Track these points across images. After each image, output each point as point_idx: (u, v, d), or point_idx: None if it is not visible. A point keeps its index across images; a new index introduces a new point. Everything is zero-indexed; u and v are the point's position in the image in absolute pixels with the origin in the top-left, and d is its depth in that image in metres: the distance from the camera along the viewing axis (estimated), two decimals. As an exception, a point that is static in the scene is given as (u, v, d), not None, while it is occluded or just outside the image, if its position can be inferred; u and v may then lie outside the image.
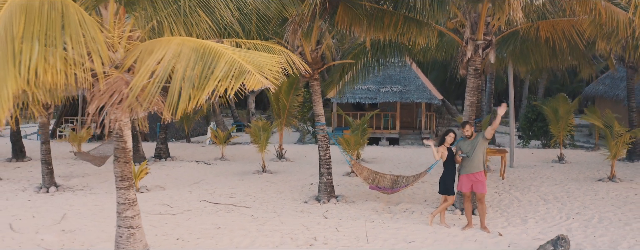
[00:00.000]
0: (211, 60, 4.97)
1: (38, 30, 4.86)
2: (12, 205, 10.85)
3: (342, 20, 9.43)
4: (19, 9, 4.79)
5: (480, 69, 10.03)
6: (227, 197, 11.40)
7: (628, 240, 8.28)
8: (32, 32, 4.82)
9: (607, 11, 8.88)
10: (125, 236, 6.92)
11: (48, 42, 4.95)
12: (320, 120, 10.91)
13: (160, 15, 6.63)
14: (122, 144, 6.76)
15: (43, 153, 12.56)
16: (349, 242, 8.22)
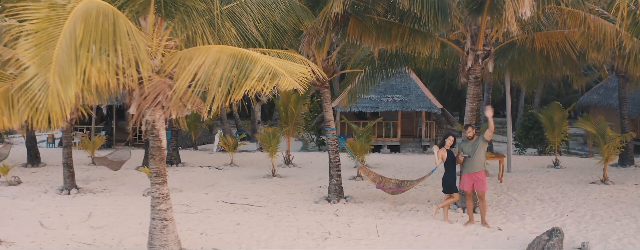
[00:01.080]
0: (248, 64, 5.69)
1: (94, 38, 5.54)
2: (38, 205, 11.50)
3: (353, 32, 10.22)
4: (80, 19, 5.44)
5: (480, 77, 10.79)
6: (242, 198, 12.08)
7: (617, 234, 8.99)
8: (89, 40, 5.50)
9: (596, 24, 9.68)
10: (159, 228, 7.59)
11: (102, 49, 5.63)
12: (330, 125, 11.64)
13: (193, 25, 7.36)
14: (157, 142, 7.46)
15: (65, 157, 13.23)
16: (360, 236, 8.92)
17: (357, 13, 10.25)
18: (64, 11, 5.36)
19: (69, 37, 5.31)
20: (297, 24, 8.80)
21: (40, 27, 5.28)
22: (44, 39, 5.30)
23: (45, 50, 5.25)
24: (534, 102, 32.70)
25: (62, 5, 5.29)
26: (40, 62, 5.26)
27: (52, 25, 5.35)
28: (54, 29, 5.33)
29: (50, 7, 5.21)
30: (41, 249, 8.46)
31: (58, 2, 5.22)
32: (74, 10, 5.38)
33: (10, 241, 8.73)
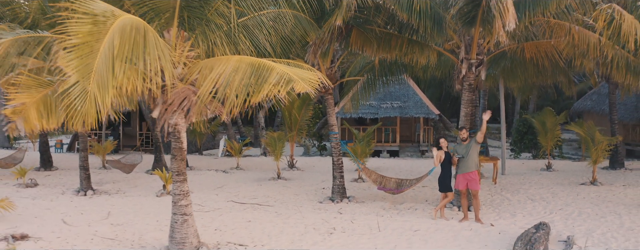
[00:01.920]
0: (265, 72, 6.44)
1: (128, 50, 6.27)
2: (58, 205, 12.20)
3: (356, 42, 11.02)
4: (118, 33, 6.16)
5: (474, 84, 11.56)
6: (251, 199, 12.81)
7: (601, 229, 9.72)
8: (124, 51, 6.22)
9: (580, 34, 10.46)
10: (180, 222, 8.30)
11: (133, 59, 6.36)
12: (334, 129, 12.39)
13: (212, 37, 8.10)
14: (179, 144, 8.18)
15: (81, 160, 13.95)
16: (363, 231, 9.64)
17: (359, 25, 11.04)
18: (105, 27, 6.08)
19: (107, 49, 6.03)
20: (304, 35, 9.56)
21: (84, 40, 6.00)
22: (86, 51, 6.02)
23: (87, 60, 5.97)
24: (529, 108, 33.48)
25: (103, 21, 6.01)
26: (81, 71, 5.98)
27: (93, 39, 6.07)
28: (95, 43, 6.06)
29: (93, 23, 5.93)
30: (67, 243, 9.12)
31: (100, 18, 5.93)
32: (113, 26, 6.11)
33: (37, 237, 9.40)
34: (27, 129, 7.04)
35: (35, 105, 7.02)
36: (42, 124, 7.10)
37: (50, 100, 7.14)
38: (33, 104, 7.02)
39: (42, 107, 7.10)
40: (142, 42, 6.42)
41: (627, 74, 10.92)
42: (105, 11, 5.97)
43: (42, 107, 7.09)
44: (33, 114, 6.99)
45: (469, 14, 10.22)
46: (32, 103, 7.02)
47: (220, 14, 7.95)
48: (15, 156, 18.04)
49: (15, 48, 8.30)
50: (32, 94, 7.12)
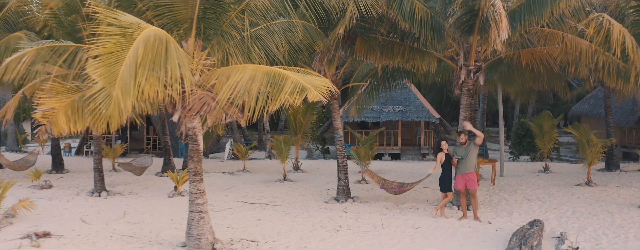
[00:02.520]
0: (280, 80, 7.01)
1: (151, 59, 6.81)
2: (74, 205, 12.75)
3: (360, 50, 11.61)
4: (142, 43, 6.69)
5: (473, 89, 12.12)
6: (259, 199, 13.36)
7: (593, 226, 10.27)
8: (147, 60, 6.75)
9: (572, 42, 11.04)
10: (197, 219, 8.84)
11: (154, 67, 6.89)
12: (339, 133, 12.95)
13: (225, 47, 8.67)
14: (196, 146, 8.75)
15: (95, 162, 14.51)
16: (367, 228, 10.20)
17: (362, 33, 11.63)
18: (131, 37, 6.61)
19: (132, 58, 6.55)
20: (312, 44, 10.14)
21: (111, 50, 6.52)
22: (112, 60, 6.54)
23: (113, 68, 6.49)
24: (528, 112, 34.04)
25: (130, 33, 6.56)
26: (107, 78, 6.50)
27: (120, 49, 6.60)
28: (121, 52, 6.59)
29: (121, 33, 6.48)
30: (88, 240, 9.66)
31: (127, 29, 6.48)
32: (139, 37, 6.65)
33: (59, 234, 9.94)
34: (56, 132, 7.59)
35: (64, 109, 7.57)
36: (69, 128, 7.65)
37: (77, 105, 7.69)
38: (61, 108, 7.57)
39: (70, 112, 7.65)
40: (164, 52, 6.94)
41: (617, 79, 11.49)
42: (131, 23, 6.52)
43: (69, 111, 7.64)
44: (62, 118, 7.55)
45: (467, 23, 10.80)
46: (60, 108, 7.58)
47: (234, 25, 8.52)
48: (27, 159, 18.58)
49: (41, 56, 8.86)
50: (61, 99, 7.68)
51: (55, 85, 7.83)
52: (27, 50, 8.60)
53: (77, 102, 7.66)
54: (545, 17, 10.64)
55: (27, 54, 8.55)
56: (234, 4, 8.35)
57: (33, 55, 8.61)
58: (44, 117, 7.46)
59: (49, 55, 8.84)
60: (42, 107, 7.52)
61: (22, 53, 8.48)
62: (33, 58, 8.66)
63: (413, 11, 10.74)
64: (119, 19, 6.39)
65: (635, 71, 10.93)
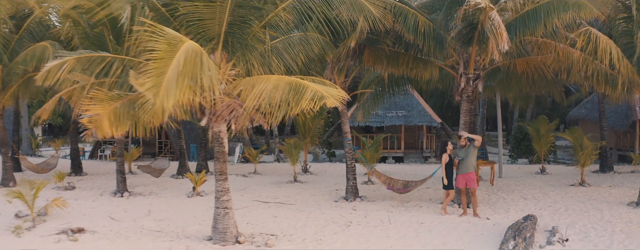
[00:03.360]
0: (301, 89, 7.93)
1: (189, 68, 7.70)
2: (100, 205, 13.67)
3: (368, 60, 12.58)
4: (183, 53, 7.54)
5: (472, 96, 13.05)
6: (273, 198, 14.29)
7: (583, 221, 11.18)
8: (187, 69, 7.64)
9: (564, 51, 11.98)
10: (222, 214, 9.76)
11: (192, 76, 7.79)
12: (347, 136, 13.89)
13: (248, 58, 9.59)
14: (221, 148, 9.67)
15: (118, 164, 15.42)
16: (376, 224, 11.12)
17: (370, 45, 12.59)
18: (175, 48, 7.50)
19: (175, 67, 7.43)
20: (324, 55, 11.09)
21: (160, 57, 7.37)
22: (161, 66, 7.38)
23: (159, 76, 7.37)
24: (527, 117, 34.94)
25: (174, 44, 7.47)
26: (155, 81, 7.34)
27: (166, 57, 7.46)
28: (168, 60, 7.43)
29: (168, 44, 7.39)
30: (120, 235, 10.58)
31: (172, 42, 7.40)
32: (181, 48, 7.52)
33: (92, 230, 10.85)
34: (100, 135, 8.49)
35: (107, 115, 8.47)
36: (112, 131, 8.55)
37: (118, 111, 8.61)
38: (105, 114, 8.46)
39: (113, 117, 8.54)
40: (200, 63, 7.86)
41: (605, 86, 12.42)
42: (175, 37, 7.46)
43: (112, 117, 8.54)
44: (105, 123, 8.44)
45: (467, 35, 11.73)
46: (104, 114, 8.48)
47: (256, 39, 9.46)
48: (48, 162, 19.51)
49: (80, 65, 9.72)
50: (104, 106, 8.58)
51: (99, 93, 8.72)
52: (67, 58, 9.48)
53: (119, 108, 8.57)
54: (539, 30, 11.58)
55: (68, 61, 9.42)
56: (256, 20, 9.30)
57: (73, 63, 9.45)
58: (90, 122, 8.35)
59: (88, 64, 9.73)
60: (88, 113, 8.41)
61: (62, 60, 9.36)
62: (73, 66, 9.54)
63: (417, 24, 11.71)
64: (166, 32, 7.32)
65: (621, 79, 11.86)
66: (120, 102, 8.71)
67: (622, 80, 11.87)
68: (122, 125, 8.68)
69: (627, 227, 10.74)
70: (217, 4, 8.90)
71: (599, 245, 9.50)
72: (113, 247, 9.73)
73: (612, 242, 9.68)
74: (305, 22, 10.00)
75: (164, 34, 7.35)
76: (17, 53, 16.16)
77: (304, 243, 9.78)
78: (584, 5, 11.12)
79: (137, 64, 9.60)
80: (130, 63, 9.64)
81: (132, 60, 9.64)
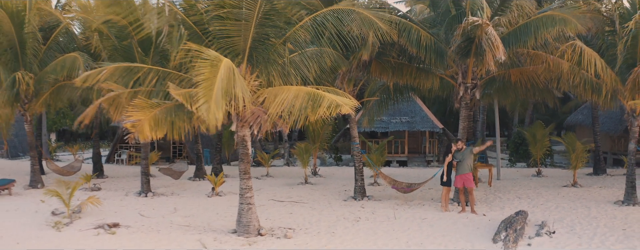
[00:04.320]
0: (319, 99, 9.13)
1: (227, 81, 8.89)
2: (128, 204, 14.84)
3: (375, 70, 13.84)
4: (223, 72, 8.71)
5: (470, 103, 14.24)
6: (287, 198, 15.48)
7: (571, 217, 12.34)
8: (225, 85, 8.82)
9: (554, 62, 13.18)
10: (245, 209, 10.95)
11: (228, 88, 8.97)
12: (356, 140, 15.09)
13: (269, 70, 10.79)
14: (245, 150, 10.87)
15: (143, 167, 16.64)
16: (383, 219, 12.30)
17: (377, 57, 13.83)
18: (216, 66, 8.70)
19: (219, 81, 8.60)
20: (336, 67, 12.31)
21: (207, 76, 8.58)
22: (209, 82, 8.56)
23: (209, 88, 8.53)
24: (526, 122, 36.09)
25: (216, 64, 8.67)
26: (205, 96, 8.50)
27: (212, 74, 8.64)
28: (212, 76, 8.62)
29: (211, 64, 8.61)
30: (152, 229, 11.75)
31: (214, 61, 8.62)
32: (221, 66, 8.71)
33: (126, 225, 12.03)
34: (141, 138, 9.69)
35: (148, 121, 9.66)
36: (152, 135, 9.75)
37: (157, 117, 9.81)
38: (146, 120, 9.66)
39: (153, 123, 9.73)
40: (233, 77, 9.04)
41: (592, 94, 13.63)
42: (215, 56, 8.69)
43: (152, 122, 9.73)
44: (146, 127, 9.63)
45: (465, 48, 12.93)
46: (145, 119, 9.67)
47: (277, 53, 10.68)
48: (73, 165, 20.74)
49: (118, 74, 10.89)
50: (145, 113, 9.79)
51: (140, 101, 9.93)
52: (106, 67, 10.68)
53: (158, 115, 9.77)
54: (530, 43, 12.80)
55: (106, 69, 10.62)
56: (277, 37, 10.53)
57: (110, 71, 10.64)
58: (133, 127, 9.54)
59: (125, 73, 10.90)
60: (131, 118, 9.61)
61: (101, 68, 10.58)
62: (110, 74, 10.71)
63: (419, 39, 12.95)
64: (208, 53, 8.56)
65: (606, 87, 13.05)
66: (158, 109, 9.91)
67: (606, 88, 13.06)
68: (161, 129, 9.88)
69: (610, 222, 11.88)
70: (243, 23, 10.15)
71: (582, 237, 10.65)
72: (148, 239, 10.88)
73: (595, 234, 10.83)
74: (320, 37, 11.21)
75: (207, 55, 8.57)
76: (45, 63, 17.35)
77: (319, 235, 10.95)
78: (569, 21, 12.34)
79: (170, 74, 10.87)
80: (163, 74, 10.90)
81: (166, 71, 10.91)
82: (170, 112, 9.91)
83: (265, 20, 10.22)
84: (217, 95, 8.25)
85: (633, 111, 13.61)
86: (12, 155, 33.58)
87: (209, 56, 8.62)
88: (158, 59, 15.32)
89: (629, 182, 13.98)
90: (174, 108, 9.99)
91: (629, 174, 14.02)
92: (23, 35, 16.81)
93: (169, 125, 9.94)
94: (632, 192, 13.88)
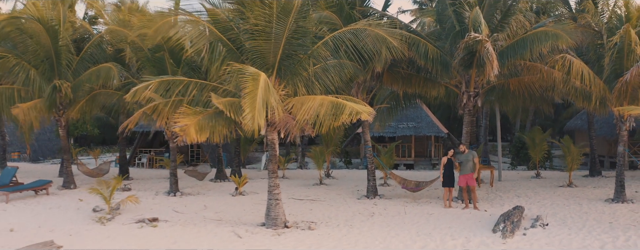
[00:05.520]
0: (341, 107, 10.58)
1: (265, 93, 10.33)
2: (160, 202, 16.24)
3: (387, 80, 15.34)
4: (262, 85, 10.19)
5: (473, 110, 15.67)
6: (305, 196, 16.92)
7: (563, 212, 13.73)
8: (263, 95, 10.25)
9: (548, 73, 14.62)
10: (273, 204, 12.37)
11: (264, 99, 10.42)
12: (368, 144, 16.54)
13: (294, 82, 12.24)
14: (273, 152, 12.32)
15: (172, 168, 18.07)
16: (394, 214, 13.73)
17: (389, 68, 15.32)
18: (257, 80, 10.17)
19: (260, 94, 10.06)
20: (354, 77, 13.78)
21: (250, 89, 10.06)
22: (252, 94, 10.04)
23: (252, 99, 9.99)
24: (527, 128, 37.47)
25: (255, 78, 10.14)
26: (250, 106, 9.97)
27: (254, 88, 10.12)
28: (254, 89, 10.09)
29: (253, 78, 10.09)
30: (188, 222, 13.16)
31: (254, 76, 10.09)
32: (260, 80, 10.18)
33: (164, 219, 13.46)
34: (189, 141, 11.15)
35: (194, 126, 11.11)
36: (198, 138, 11.18)
37: (201, 123, 11.26)
38: (192, 125, 11.11)
39: (197, 127, 11.18)
40: (268, 88, 10.50)
41: (583, 101, 15.08)
42: (254, 72, 10.17)
43: (197, 127, 11.17)
44: (192, 131, 11.08)
45: (467, 60, 14.38)
46: (191, 124, 11.12)
47: (302, 66, 12.14)
48: (101, 168, 22.20)
49: (163, 86, 12.36)
50: (190, 119, 11.24)
51: (185, 109, 11.38)
52: (153, 80, 12.13)
53: (201, 121, 11.23)
54: (526, 55, 14.26)
55: (153, 83, 12.09)
56: (303, 53, 12.00)
57: (157, 84, 12.14)
58: (181, 131, 11.00)
59: (169, 86, 12.36)
60: (179, 124, 11.05)
61: (149, 82, 12.03)
62: (157, 86, 12.19)
63: (427, 52, 14.43)
64: (248, 69, 10.04)
65: (594, 95, 14.50)
66: (201, 115, 11.37)
67: (595, 96, 14.50)
68: (204, 133, 11.33)
69: (599, 216, 13.27)
70: (272, 42, 11.62)
71: (572, 228, 12.03)
72: (187, 230, 12.31)
73: (584, 226, 12.22)
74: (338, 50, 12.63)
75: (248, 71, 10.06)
76: (78, 72, 18.76)
77: (339, 227, 12.37)
78: (560, 36, 13.82)
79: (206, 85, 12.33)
80: (201, 85, 12.36)
81: (203, 83, 12.38)
82: (211, 118, 11.35)
83: (292, 38, 11.69)
84: (259, 105, 9.72)
85: (621, 116, 14.99)
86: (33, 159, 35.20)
87: (250, 72, 10.09)
88: (187, 69, 16.75)
89: (618, 181, 15.34)
90: (213, 115, 11.44)
91: (618, 174, 15.38)
92: (58, 47, 18.21)
93: (211, 129, 11.39)
94: (621, 190, 15.24)
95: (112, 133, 40.47)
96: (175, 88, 12.30)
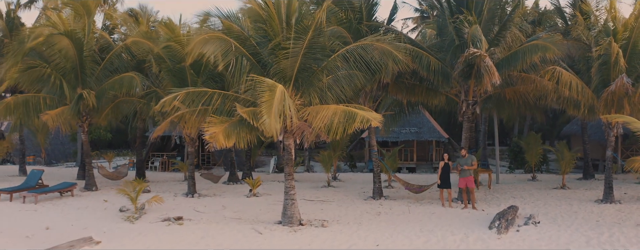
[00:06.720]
0: (353, 115, 11.82)
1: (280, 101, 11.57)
2: (181, 202, 17.43)
3: (392, 90, 16.61)
4: (278, 95, 11.45)
5: (472, 117, 16.91)
6: (315, 197, 18.14)
7: (555, 211, 14.96)
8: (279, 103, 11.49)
9: (541, 83, 15.87)
10: (290, 204, 13.59)
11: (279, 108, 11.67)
12: (374, 148, 17.77)
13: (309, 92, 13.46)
14: (289, 156, 13.55)
15: (189, 171, 19.28)
16: (399, 213, 14.96)
17: (395, 79, 16.57)
18: (273, 91, 11.43)
19: (276, 102, 11.30)
20: (363, 87, 15.03)
21: (267, 98, 11.33)
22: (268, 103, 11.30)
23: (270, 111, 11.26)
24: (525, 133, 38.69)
25: (272, 88, 11.40)
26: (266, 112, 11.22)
27: (271, 97, 11.37)
28: (271, 98, 11.34)
29: (269, 89, 11.35)
30: (210, 220, 14.34)
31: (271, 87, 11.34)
32: (277, 90, 11.45)
33: (188, 218, 14.65)
34: (218, 145, 12.35)
35: (222, 132, 12.31)
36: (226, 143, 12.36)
37: (228, 130, 12.47)
38: (220, 132, 12.31)
39: (225, 134, 12.37)
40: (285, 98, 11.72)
41: (573, 108, 16.34)
42: (272, 83, 11.43)
43: (224, 134, 12.37)
44: (221, 137, 12.28)
45: (467, 72, 15.63)
46: (219, 131, 12.32)
47: (316, 78, 13.38)
48: (120, 171, 23.36)
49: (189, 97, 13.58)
50: (218, 126, 12.45)
51: (213, 118, 12.60)
52: (180, 92, 13.37)
53: (228, 128, 12.46)
54: (519, 66, 15.52)
55: (180, 94, 13.33)
56: (317, 66, 13.26)
57: (184, 95, 13.38)
58: (210, 137, 12.22)
59: (195, 96, 13.57)
60: (208, 131, 12.26)
61: (176, 93, 13.28)
62: (184, 97, 13.42)
63: (429, 64, 15.70)
64: (267, 81, 11.31)
65: (583, 103, 15.76)
66: (228, 123, 12.60)
67: (583, 104, 15.76)
68: (231, 139, 12.53)
69: (587, 215, 14.49)
70: (290, 57, 12.87)
71: (562, 225, 13.26)
72: (211, 228, 13.51)
73: (572, 223, 13.45)
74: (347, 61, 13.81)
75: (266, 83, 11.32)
76: (101, 81, 19.92)
77: (349, 225, 13.60)
78: (549, 48, 15.12)
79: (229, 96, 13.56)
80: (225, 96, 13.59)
81: (227, 94, 13.61)
82: (236, 126, 12.58)
83: (308, 53, 12.94)
84: (275, 113, 10.97)
85: (609, 123, 16.22)
86: (47, 162, 36.43)
87: (268, 84, 11.35)
88: (205, 78, 17.94)
89: (607, 183, 16.55)
90: (237, 123, 12.66)
91: (607, 177, 16.59)
92: (83, 57, 19.39)
93: (237, 136, 12.60)
94: (609, 192, 16.46)
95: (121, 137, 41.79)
96: (201, 98, 13.49)
